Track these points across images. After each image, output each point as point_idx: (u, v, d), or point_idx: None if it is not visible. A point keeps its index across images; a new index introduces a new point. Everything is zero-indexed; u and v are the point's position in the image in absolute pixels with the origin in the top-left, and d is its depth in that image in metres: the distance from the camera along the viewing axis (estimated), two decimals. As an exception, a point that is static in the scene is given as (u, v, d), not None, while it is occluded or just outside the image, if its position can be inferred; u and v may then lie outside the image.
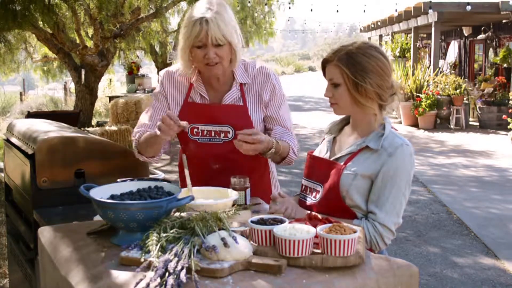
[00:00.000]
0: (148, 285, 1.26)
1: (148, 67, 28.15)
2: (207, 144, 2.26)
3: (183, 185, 2.03)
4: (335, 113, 1.99)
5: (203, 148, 2.27)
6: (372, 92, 1.87)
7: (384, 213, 1.84)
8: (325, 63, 1.96)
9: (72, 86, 16.10)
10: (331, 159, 1.97)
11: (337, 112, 1.98)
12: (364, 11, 19.40)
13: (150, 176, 2.64)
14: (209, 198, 2.00)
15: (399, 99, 1.99)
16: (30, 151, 2.41)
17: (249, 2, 16.76)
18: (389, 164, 1.84)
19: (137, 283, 1.28)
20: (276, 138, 2.21)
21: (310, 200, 1.99)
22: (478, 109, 13.05)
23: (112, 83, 21.11)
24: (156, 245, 1.42)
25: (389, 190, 1.84)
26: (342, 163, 1.91)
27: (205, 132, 2.26)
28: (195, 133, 2.27)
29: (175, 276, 1.29)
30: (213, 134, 2.25)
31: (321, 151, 2.06)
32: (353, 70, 1.87)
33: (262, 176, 2.45)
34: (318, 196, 1.95)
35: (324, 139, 2.11)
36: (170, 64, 20.59)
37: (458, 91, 12.74)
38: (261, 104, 2.30)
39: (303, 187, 2.05)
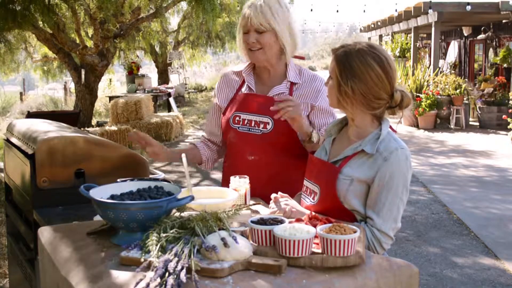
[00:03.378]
0: (148, 285, 1.26)
1: (148, 67, 28.16)
2: (246, 134, 2.29)
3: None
4: (329, 105, 1.98)
5: (242, 137, 2.30)
6: (353, 98, 1.83)
7: (382, 219, 1.81)
8: (332, 52, 1.95)
9: (72, 86, 16.10)
10: (330, 161, 1.96)
11: (330, 105, 1.97)
12: (364, 11, 19.42)
13: (150, 176, 2.63)
14: (209, 198, 2.00)
15: (402, 113, 1.90)
16: (30, 151, 2.41)
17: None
18: (385, 169, 1.80)
19: (137, 283, 1.28)
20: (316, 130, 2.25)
21: (309, 201, 1.98)
22: (478, 109, 13.05)
23: (112, 83, 21.13)
24: (156, 245, 1.42)
25: (385, 196, 1.81)
26: (338, 166, 1.90)
27: (246, 121, 2.30)
28: (236, 121, 2.32)
29: (175, 276, 1.29)
30: (252, 124, 2.29)
31: (321, 153, 2.05)
32: (342, 69, 1.84)
33: (297, 172, 2.36)
34: (316, 198, 1.94)
35: (324, 139, 2.10)
36: (170, 64, 20.69)
37: (458, 91, 12.74)
38: (307, 107, 2.31)
39: (304, 187, 2.05)
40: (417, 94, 12.89)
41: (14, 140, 2.79)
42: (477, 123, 13.16)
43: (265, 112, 2.26)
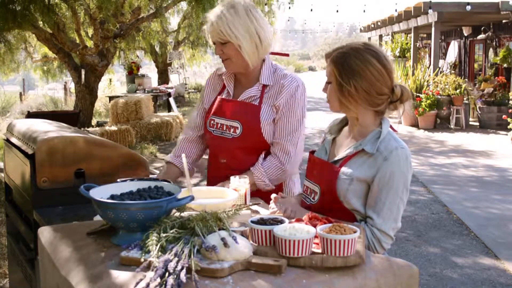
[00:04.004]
0: (148, 285, 1.26)
1: (148, 67, 28.16)
2: (219, 138, 2.41)
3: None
4: (330, 109, 1.97)
5: (215, 140, 2.43)
6: (357, 97, 1.84)
7: (382, 218, 1.81)
8: (326, 58, 1.95)
9: (72, 86, 16.09)
10: (330, 161, 1.96)
11: (331, 109, 1.96)
12: (364, 11, 19.41)
13: (150, 176, 2.63)
14: (209, 198, 2.00)
15: (404, 107, 1.91)
16: (30, 151, 2.41)
17: (249, 2, 16.72)
18: (385, 169, 1.80)
19: (137, 283, 1.28)
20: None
21: (309, 201, 1.98)
22: (478, 109, 13.05)
23: (112, 83, 21.12)
24: (156, 245, 1.42)
25: (385, 195, 1.81)
26: (338, 166, 1.90)
27: (219, 125, 2.41)
28: (211, 125, 2.44)
29: (175, 276, 1.29)
30: (224, 128, 2.39)
31: (321, 152, 2.05)
32: (342, 70, 1.84)
33: None
34: (316, 197, 1.94)
35: (324, 139, 2.10)
36: (170, 64, 20.69)
37: (458, 91, 12.74)
38: (274, 107, 2.35)
39: (305, 187, 2.05)
40: (417, 94, 12.89)
41: (14, 140, 2.79)
42: (477, 123, 13.16)
43: (235, 117, 2.35)
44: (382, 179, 1.81)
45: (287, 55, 2.60)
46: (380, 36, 20.54)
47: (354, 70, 1.83)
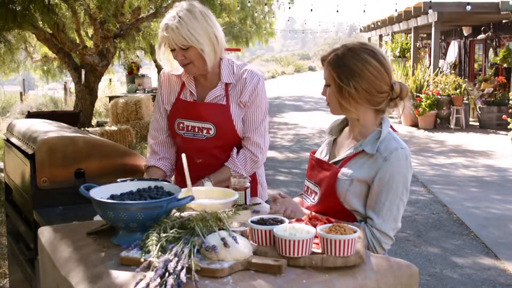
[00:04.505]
0: (148, 285, 1.26)
1: (148, 67, 28.13)
2: (191, 139, 2.41)
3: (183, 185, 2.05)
4: (331, 112, 1.96)
5: (188, 142, 2.41)
6: (357, 97, 1.83)
7: (382, 219, 1.81)
8: (322, 61, 1.95)
9: (72, 86, 16.09)
10: (330, 162, 1.96)
11: (332, 112, 1.95)
12: (364, 11, 19.39)
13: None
14: (209, 198, 2.00)
15: (405, 103, 1.90)
16: (30, 151, 2.41)
17: (249, 2, 16.74)
18: (385, 169, 1.80)
19: (137, 283, 1.28)
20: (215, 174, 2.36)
21: (310, 201, 1.98)
22: (478, 109, 13.05)
23: (112, 83, 21.10)
24: (156, 245, 1.42)
25: (385, 196, 1.81)
26: (338, 166, 1.89)
27: (190, 127, 2.41)
28: (181, 127, 2.42)
29: (175, 276, 1.29)
30: (196, 130, 2.40)
31: (322, 152, 2.05)
32: (340, 72, 1.83)
33: None
34: (316, 198, 1.94)
35: (325, 139, 2.10)
36: (170, 64, 20.66)
37: (458, 91, 12.74)
38: (241, 104, 2.41)
39: (305, 187, 2.05)
40: (417, 94, 12.89)
41: (14, 140, 2.79)
42: (477, 123, 13.16)
43: (206, 118, 2.38)
44: (382, 179, 1.81)
45: (239, 49, 2.65)
46: (380, 36, 20.54)
47: (352, 71, 1.82)
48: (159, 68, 20.87)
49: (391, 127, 1.91)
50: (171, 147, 2.54)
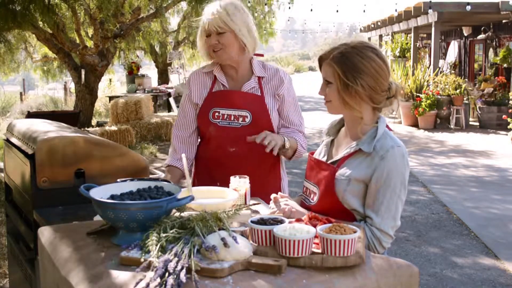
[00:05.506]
0: (148, 285, 1.26)
1: (148, 67, 28.15)
2: (226, 128, 2.49)
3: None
4: (328, 112, 1.95)
5: (223, 131, 2.49)
6: (363, 94, 1.84)
7: (380, 217, 1.81)
8: (321, 61, 1.94)
9: (72, 86, 16.09)
10: (328, 162, 1.96)
11: (330, 111, 1.95)
12: (364, 11, 19.39)
13: (150, 176, 2.64)
14: (209, 198, 2.00)
15: (399, 102, 1.94)
16: (30, 151, 2.41)
17: (249, 2, 16.74)
18: (382, 168, 1.81)
19: (137, 283, 1.28)
20: (285, 136, 2.49)
21: (309, 202, 1.98)
22: (478, 109, 13.05)
23: (112, 83, 21.11)
24: (156, 245, 1.42)
25: (383, 194, 1.81)
26: (336, 166, 1.90)
27: (225, 116, 2.49)
28: (216, 116, 2.50)
29: (175, 276, 1.29)
30: (232, 118, 2.49)
31: (320, 153, 2.06)
32: (345, 69, 1.83)
33: (274, 165, 2.62)
34: (316, 198, 1.94)
35: (323, 140, 2.10)
36: (170, 64, 20.69)
37: (458, 91, 12.74)
38: (276, 98, 2.55)
39: (304, 188, 2.05)
40: (417, 94, 12.89)
41: (14, 140, 2.79)
42: (477, 123, 13.16)
43: (242, 106, 2.48)
44: (379, 178, 1.81)
45: (262, 55, 2.86)
46: (380, 36, 20.54)
47: (358, 68, 1.83)
48: (159, 68, 20.91)
49: (387, 126, 1.91)
50: (193, 146, 2.64)
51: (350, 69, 1.83)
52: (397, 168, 1.81)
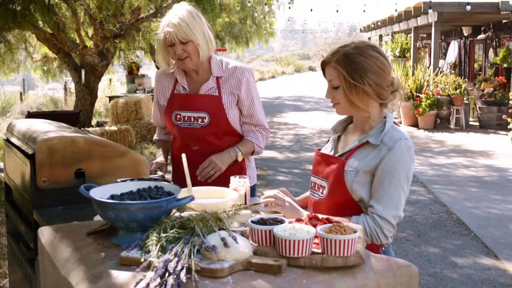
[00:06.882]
0: (148, 285, 1.26)
1: (148, 67, 28.12)
2: (188, 128, 2.67)
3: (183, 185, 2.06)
4: (337, 113, 2.01)
5: (184, 131, 2.68)
6: (371, 92, 1.88)
7: (382, 205, 1.85)
8: (324, 65, 1.97)
9: (72, 86, 16.09)
10: (336, 155, 2.00)
11: (339, 112, 2.01)
12: (364, 11, 19.41)
13: (150, 176, 2.64)
14: (209, 198, 2.01)
15: (401, 96, 2.00)
16: (30, 151, 2.41)
17: (249, 2, 16.75)
18: (388, 158, 1.85)
19: (137, 283, 1.28)
20: (238, 146, 2.66)
21: (318, 196, 2.01)
22: (478, 109, 13.05)
23: (112, 83, 21.11)
24: (156, 245, 1.42)
25: (387, 183, 1.85)
26: (344, 158, 1.94)
27: (186, 118, 2.68)
28: (178, 118, 2.69)
29: (175, 276, 1.29)
30: (192, 120, 2.67)
31: (327, 149, 2.10)
32: (351, 71, 1.87)
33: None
34: (325, 192, 1.97)
35: (330, 137, 2.15)
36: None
37: (458, 91, 12.74)
38: (235, 96, 2.68)
39: (312, 183, 2.08)
40: (417, 94, 12.89)
41: (14, 140, 2.79)
42: (477, 123, 13.16)
43: (200, 108, 2.65)
44: (385, 167, 1.85)
45: (225, 50, 2.90)
46: (380, 36, 20.54)
47: (364, 68, 1.87)
48: (159, 68, 20.90)
49: (394, 122, 1.96)
50: (169, 135, 2.89)
51: (355, 70, 1.87)
52: (404, 159, 1.86)
